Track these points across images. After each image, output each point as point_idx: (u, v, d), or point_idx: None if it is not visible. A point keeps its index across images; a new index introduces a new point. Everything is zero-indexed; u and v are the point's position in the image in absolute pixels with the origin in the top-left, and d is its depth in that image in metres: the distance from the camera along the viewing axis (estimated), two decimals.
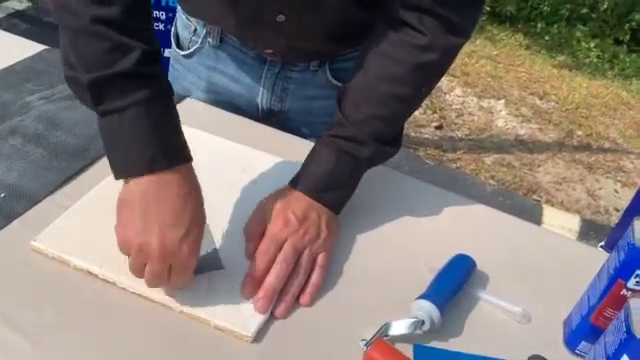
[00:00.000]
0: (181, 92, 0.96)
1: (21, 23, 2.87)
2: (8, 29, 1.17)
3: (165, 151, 0.57)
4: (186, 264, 0.58)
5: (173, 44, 0.97)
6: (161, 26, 1.91)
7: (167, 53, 1.93)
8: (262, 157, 0.83)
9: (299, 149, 0.85)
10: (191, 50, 0.92)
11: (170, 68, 1.01)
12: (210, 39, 0.89)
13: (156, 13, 1.88)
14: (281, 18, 0.77)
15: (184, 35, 0.93)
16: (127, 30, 0.57)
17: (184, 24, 0.92)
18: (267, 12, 0.77)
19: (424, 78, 0.73)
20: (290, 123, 0.94)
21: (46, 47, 1.02)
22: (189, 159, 0.60)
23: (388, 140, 0.74)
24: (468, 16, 0.71)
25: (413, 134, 2.62)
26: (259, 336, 0.60)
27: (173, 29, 0.98)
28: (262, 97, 0.92)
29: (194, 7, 0.87)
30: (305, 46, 0.84)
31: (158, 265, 0.56)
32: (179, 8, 0.93)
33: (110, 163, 0.59)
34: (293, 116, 0.94)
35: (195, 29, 0.90)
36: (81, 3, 0.57)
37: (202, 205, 0.60)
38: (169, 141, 0.59)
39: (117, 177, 0.59)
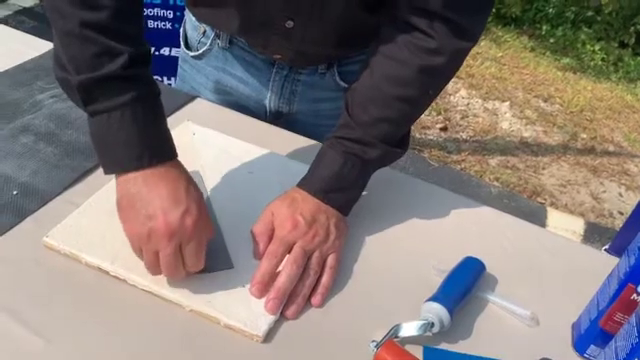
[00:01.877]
0: (190, 92, 0.97)
1: (28, 20, 2.88)
2: (15, 26, 1.17)
3: (151, 149, 0.60)
4: (193, 239, 0.59)
5: (182, 44, 0.97)
6: (168, 25, 1.91)
7: (174, 52, 1.95)
8: (271, 157, 0.83)
9: (307, 150, 0.85)
10: (200, 52, 0.92)
11: (179, 68, 1.01)
12: (219, 41, 0.89)
13: (164, 12, 1.88)
14: (289, 24, 0.77)
15: (193, 36, 0.93)
16: (115, 34, 0.59)
17: (193, 25, 0.93)
18: (276, 19, 0.78)
19: (431, 81, 0.73)
20: (298, 125, 0.94)
21: None
22: (175, 156, 0.63)
23: (395, 141, 0.74)
24: (477, 20, 0.72)
25: (418, 135, 2.62)
26: (269, 336, 0.60)
27: (182, 29, 0.98)
28: (270, 99, 0.92)
29: (203, 13, 0.88)
30: (313, 51, 0.84)
31: (168, 246, 0.58)
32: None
33: (100, 159, 0.62)
34: (301, 118, 0.94)
35: (204, 31, 0.91)
36: (71, 6, 0.58)
37: (195, 185, 0.62)
38: (155, 140, 0.61)
39: (106, 172, 0.62)
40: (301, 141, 0.89)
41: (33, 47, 1.00)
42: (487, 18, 0.73)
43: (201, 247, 0.60)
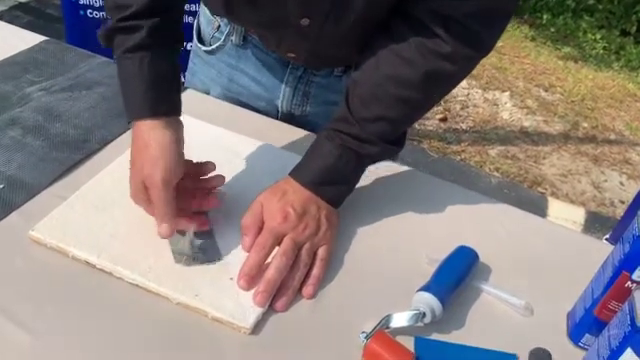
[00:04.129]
0: (200, 86, 0.95)
1: (23, 15, 2.87)
2: (10, 21, 1.16)
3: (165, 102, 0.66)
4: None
5: (195, 38, 0.95)
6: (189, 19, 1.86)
7: (188, 47, 1.88)
8: (261, 148, 0.82)
9: (303, 142, 0.84)
10: (213, 47, 0.90)
11: (190, 62, 0.99)
12: (233, 37, 0.87)
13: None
14: (305, 22, 0.73)
15: (207, 31, 0.91)
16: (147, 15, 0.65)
17: (208, 20, 0.90)
18: (291, 15, 0.73)
19: (437, 86, 0.71)
20: (309, 127, 0.91)
21: (47, 38, 1.01)
22: (179, 113, 0.69)
23: (393, 139, 0.72)
24: (494, 33, 0.69)
25: (417, 126, 2.60)
26: (258, 328, 0.59)
27: (195, 23, 0.96)
28: (283, 99, 0.90)
29: (217, 5, 0.83)
30: (328, 53, 0.81)
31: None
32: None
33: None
34: (313, 120, 0.92)
35: (219, 26, 0.89)
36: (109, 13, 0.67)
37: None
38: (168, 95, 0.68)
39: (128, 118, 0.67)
40: (296, 133, 0.87)
41: (27, 42, 0.99)
42: (503, 31, 0.71)
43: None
